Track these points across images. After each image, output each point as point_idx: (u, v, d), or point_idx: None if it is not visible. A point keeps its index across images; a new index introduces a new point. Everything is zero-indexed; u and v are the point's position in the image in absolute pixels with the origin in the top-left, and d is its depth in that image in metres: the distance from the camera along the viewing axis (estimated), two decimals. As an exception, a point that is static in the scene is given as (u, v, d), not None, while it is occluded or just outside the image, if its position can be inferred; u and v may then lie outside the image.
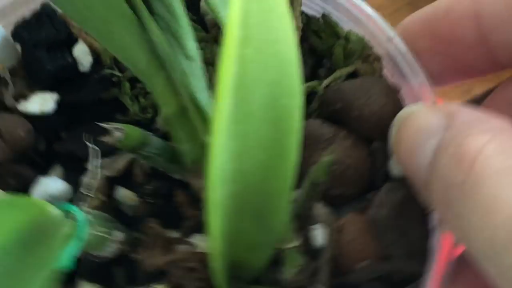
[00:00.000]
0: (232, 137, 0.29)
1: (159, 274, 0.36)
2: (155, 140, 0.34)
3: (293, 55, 0.28)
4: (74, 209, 0.33)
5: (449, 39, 0.32)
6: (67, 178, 0.40)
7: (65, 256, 0.33)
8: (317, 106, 0.38)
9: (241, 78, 0.28)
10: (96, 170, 0.36)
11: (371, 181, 0.38)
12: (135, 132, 0.32)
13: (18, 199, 0.31)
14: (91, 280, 0.38)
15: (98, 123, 0.32)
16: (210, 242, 0.31)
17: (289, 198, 0.31)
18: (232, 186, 0.30)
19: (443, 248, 0.34)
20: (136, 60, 0.34)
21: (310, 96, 0.39)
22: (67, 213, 0.33)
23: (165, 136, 0.36)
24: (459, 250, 0.35)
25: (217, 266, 0.32)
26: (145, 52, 0.33)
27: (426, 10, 0.34)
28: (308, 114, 0.38)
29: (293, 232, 0.34)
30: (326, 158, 0.32)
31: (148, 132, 0.34)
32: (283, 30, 0.27)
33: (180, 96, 0.34)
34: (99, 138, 0.32)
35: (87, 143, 0.33)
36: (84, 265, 0.37)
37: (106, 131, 0.32)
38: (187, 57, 0.34)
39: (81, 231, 0.33)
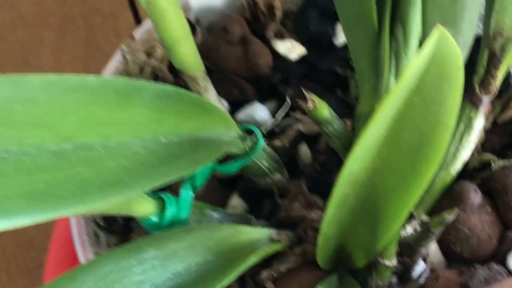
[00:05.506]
0: (375, 155, 0.35)
1: (289, 222, 0.43)
2: (338, 125, 0.40)
3: (448, 128, 0.33)
4: (256, 130, 0.41)
5: None
6: (275, 114, 0.48)
7: (233, 164, 0.41)
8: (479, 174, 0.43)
9: (401, 116, 0.34)
10: (277, 120, 0.43)
11: (490, 257, 0.42)
12: (323, 110, 0.39)
13: (213, 110, 0.39)
14: (243, 196, 0.46)
15: (303, 88, 0.39)
16: (325, 223, 0.37)
17: (402, 220, 0.36)
18: (360, 190, 0.37)
19: None
20: (360, 59, 0.40)
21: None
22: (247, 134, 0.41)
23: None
24: None
25: (326, 243, 0.39)
26: (368, 58, 0.40)
27: None
28: (468, 173, 0.43)
29: (395, 253, 0.40)
30: (449, 216, 0.37)
31: (336, 116, 0.40)
32: (450, 103, 0.32)
33: (376, 104, 0.40)
34: (299, 98, 0.40)
35: (287, 96, 0.40)
36: (243, 183, 0.46)
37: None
38: (397, 79, 0.40)
39: (253, 150, 0.41)
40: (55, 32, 0.77)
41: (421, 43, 0.40)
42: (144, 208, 0.39)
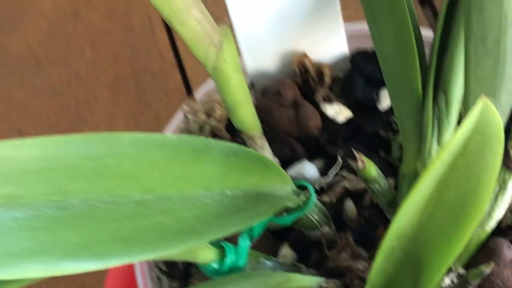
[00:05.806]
0: (420, 212, 0.39)
1: (336, 272, 0.47)
2: (384, 183, 0.44)
3: (488, 189, 0.37)
4: (309, 187, 0.45)
5: None
6: (322, 172, 0.52)
7: (288, 217, 0.45)
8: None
9: (446, 177, 0.38)
10: (328, 177, 0.48)
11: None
12: (371, 169, 0.43)
13: (273, 167, 0.43)
14: (293, 247, 0.50)
15: (352, 148, 0.43)
16: (373, 273, 0.41)
17: (443, 272, 0.40)
18: (405, 244, 0.40)
19: None
20: (405, 124, 0.44)
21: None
22: (300, 190, 0.45)
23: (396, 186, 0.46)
24: None
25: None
26: (413, 123, 0.44)
27: None
28: (502, 230, 0.47)
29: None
30: (486, 269, 0.41)
31: (382, 175, 0.44)
32: (491, 166, 0.36)
33: (419, 166, 0.44)
34: (347, 158, 0.44)
35: (338, 156, 0.45)
36: (294, 234, 0.49)
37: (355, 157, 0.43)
38: (439, 143, 0.44)
39: (306, 205, 0.44)
40: (107, 90, 0.82)
41: (460, 113, 0.44)
42: (206, 255, 0.42)
